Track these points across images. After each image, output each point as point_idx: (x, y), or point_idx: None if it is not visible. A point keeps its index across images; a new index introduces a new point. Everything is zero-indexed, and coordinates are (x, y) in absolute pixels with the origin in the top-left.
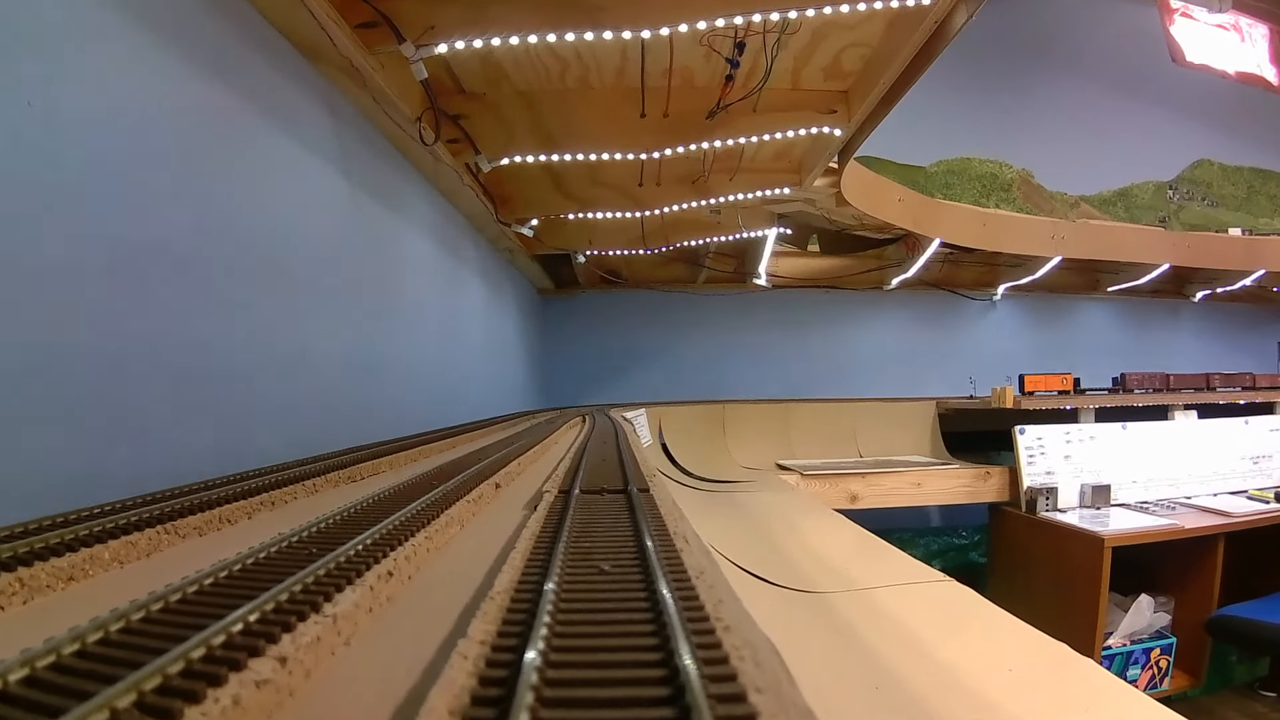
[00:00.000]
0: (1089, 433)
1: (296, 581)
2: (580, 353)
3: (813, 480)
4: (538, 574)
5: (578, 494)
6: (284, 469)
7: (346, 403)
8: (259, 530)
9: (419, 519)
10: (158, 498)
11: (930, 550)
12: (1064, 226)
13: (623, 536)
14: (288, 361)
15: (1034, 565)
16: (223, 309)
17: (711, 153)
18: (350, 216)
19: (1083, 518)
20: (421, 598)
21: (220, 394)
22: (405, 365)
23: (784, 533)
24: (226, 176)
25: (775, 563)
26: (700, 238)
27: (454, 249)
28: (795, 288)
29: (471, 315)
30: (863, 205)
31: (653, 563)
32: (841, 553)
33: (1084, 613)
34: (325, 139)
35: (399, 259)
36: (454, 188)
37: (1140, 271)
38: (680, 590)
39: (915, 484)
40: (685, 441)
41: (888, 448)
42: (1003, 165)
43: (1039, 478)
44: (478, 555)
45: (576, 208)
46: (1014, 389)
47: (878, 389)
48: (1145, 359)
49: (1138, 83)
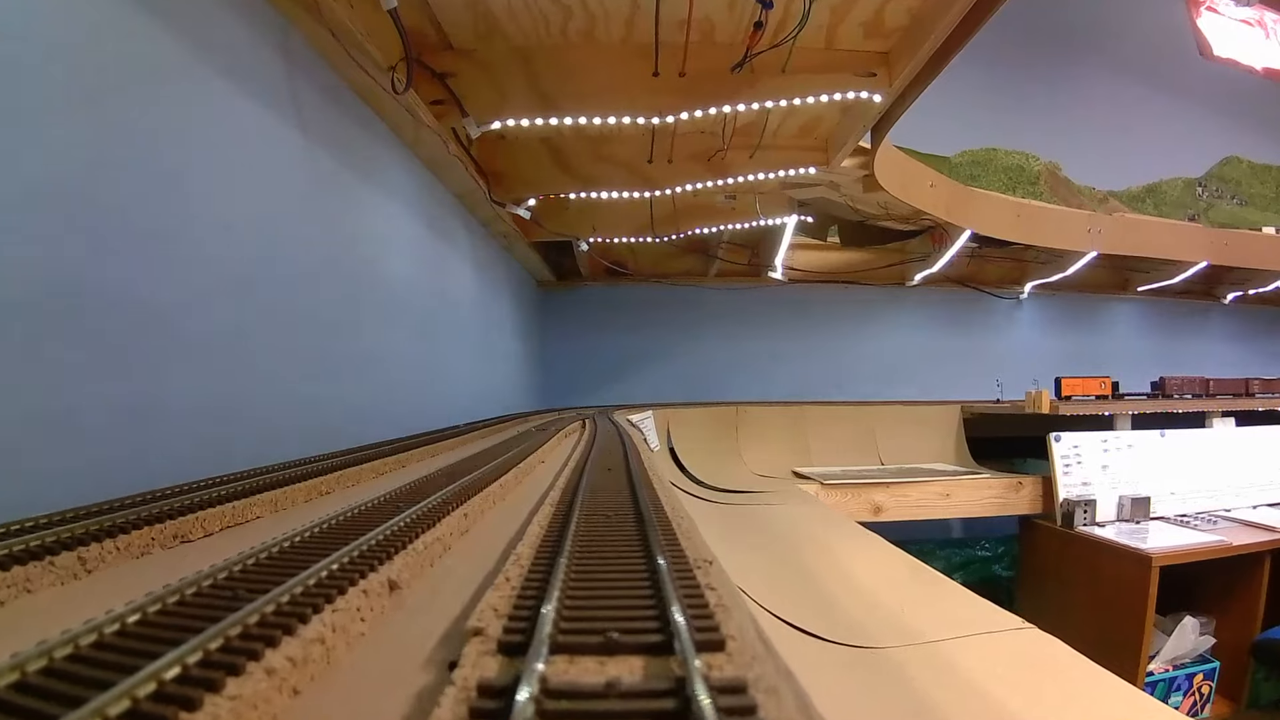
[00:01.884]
0: (1126, 440)
1: None
2: (582, 350)
3: (833, 491)
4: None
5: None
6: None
7: (295, 404)
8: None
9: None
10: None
11: (952, 563)
12: (1100, 220)
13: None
14: (211, 346)
15: (1070, 584)
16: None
17: (732, 123)
18: (302, 173)
19: (1120, 532)
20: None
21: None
22: (375, 360)
23: (819, 560)
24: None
25: (818, 605)
26: (713, 225)
27: (440, 230)
28: (812, 282)
29: (460, 306)
30: (895, 189)
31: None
32: (893, 588)
33: (1127, 636)
34: (273, 82)
35: (369, 234)
36: (439, 158)
37: (1174, 270)
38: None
39: (943, 495)
40: (695, 446)
41: (910, 454)
42: (1029, 157)
43: (1075, 489)
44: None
45: (579, 186)
46: (1050, 393)
47: (898, 391)
48: (1175, 362)
49: (1166, 76)
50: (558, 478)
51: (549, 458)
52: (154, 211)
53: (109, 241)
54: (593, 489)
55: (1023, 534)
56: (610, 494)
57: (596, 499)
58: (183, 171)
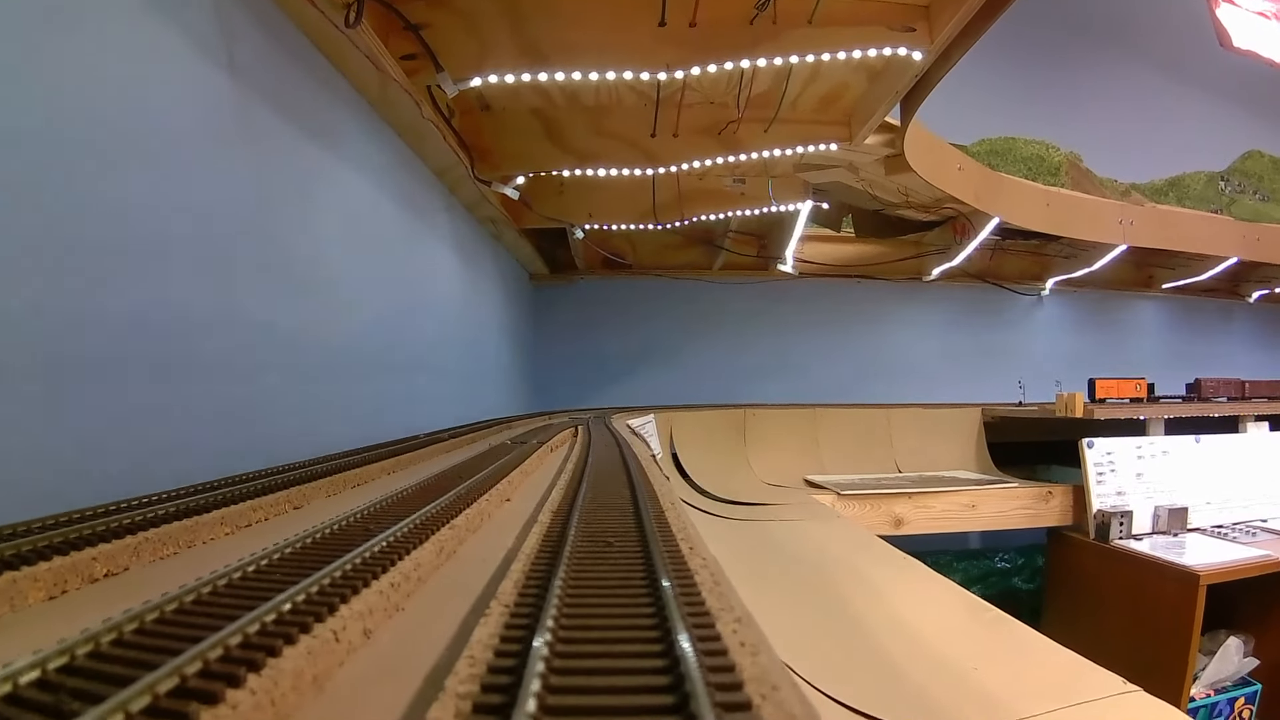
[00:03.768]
0: (1161, 446)
1: None
2: (578, 349)
3: (850, 502)
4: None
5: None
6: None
7: (206, 411)
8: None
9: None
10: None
11: (970, 576)
12: (1132, 211)
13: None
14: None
15: (1106, 602)
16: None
17: (748, 88)
18: (228, 119)
19: (1156, 545)
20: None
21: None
22: (326, 354)
23: (857, 596)
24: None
25: (870, 666)
26: (721, 211)
27: (416, 209)
28: (823, 276)
29: (438, 296)
30: (924, 171)
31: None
32: (954, 636)
33: (1169, 659)
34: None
35: (319, 203)
36: (412, 124)
37: (1201, 266)
38: None
39: (969, 506)
40: (700, 453)
41: (928, 461)
42: (1050, 147)
43: (1109, 499)
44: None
45: (574, 163)
46: (1084, 395)
47: (914, 393)
48: (1199, 364)
49: (1188, 67)
50: (521, 541)
51: (520, 491)
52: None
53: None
54: (581, 584)
55: (1051, 547)
56: (616, 604)
57: (586, 581)
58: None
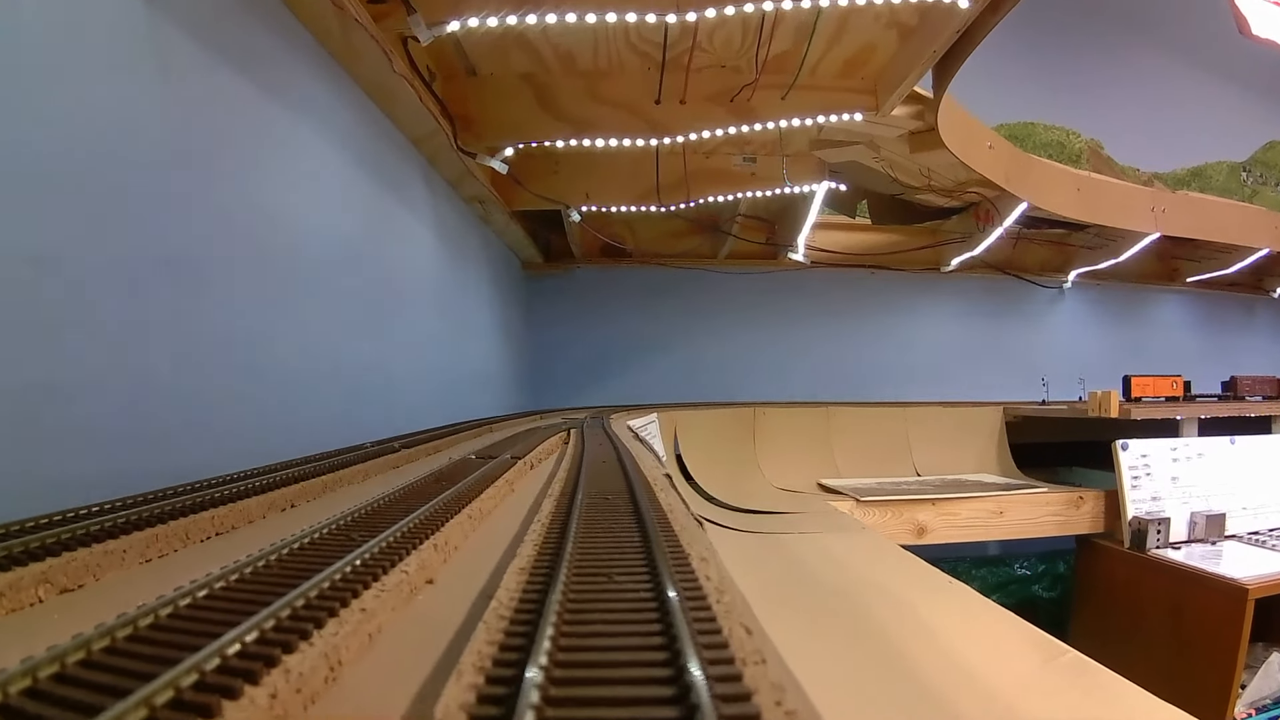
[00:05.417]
0: (1196, 448)
1: None
2: (574, 342)
3: (870, 509)
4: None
5: None
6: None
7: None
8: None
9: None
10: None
11: (988, 584)
12: (1164, 198)
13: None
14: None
15: (1141, 615)
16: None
17: (765, 46)
18: (148, 63)
19: (1192, 555)
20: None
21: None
22: (263, 347)
23: (905, 634)
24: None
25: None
26: (730, 193)
27: (388, 180)
28: (835, 266)
29: (414, 280)
30: (955, 146)
31: None
32: (1033, 689)
33: (1213, 677)
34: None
35: (266, 163)
36: (383, 82)
37: (1229, 259)
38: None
39: (996, 512)
40: (706, 454)
41: (948, 463)
42: (1070, 133)
43: (1145, 504)
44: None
45: (569, 131)
46: (1119, 393)
47: (930, 390)
48: (1224, 361)
49: (1208, 54)
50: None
51: (452, 568)
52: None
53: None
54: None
55: (1080, 556)
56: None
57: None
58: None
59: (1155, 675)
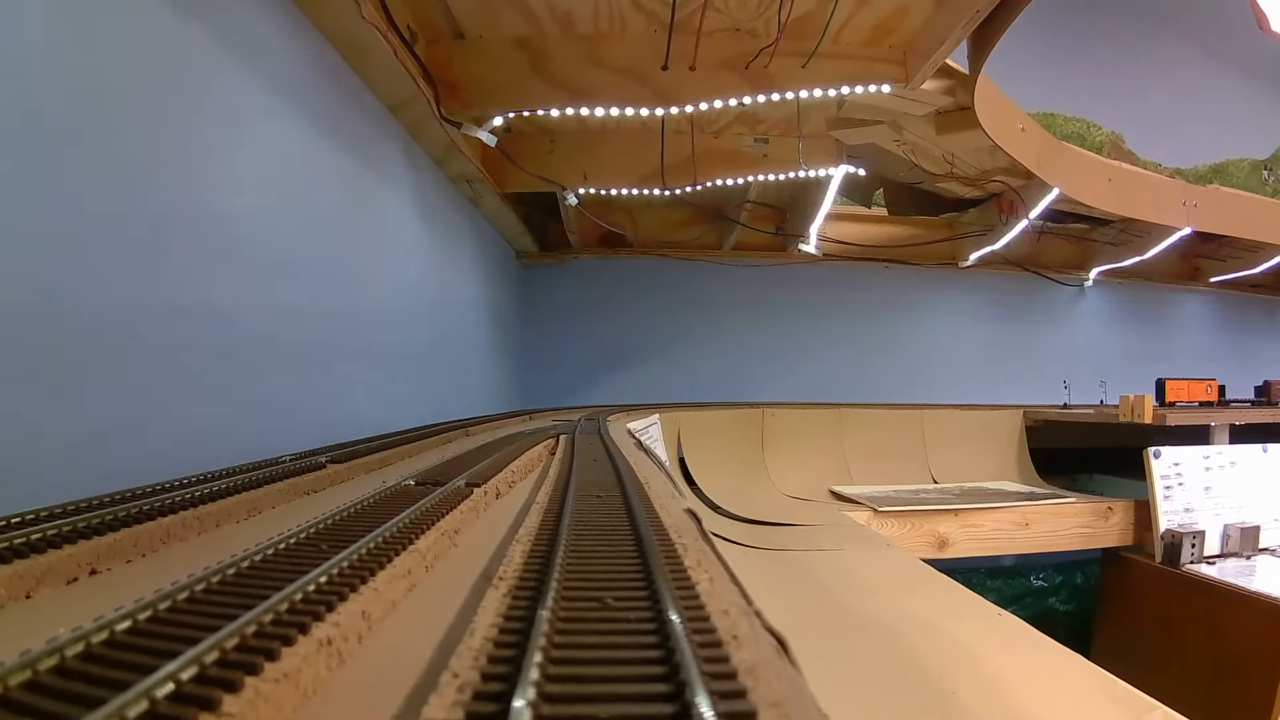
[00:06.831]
0: (1229, 457)
1: None
2: (571, 337)
3: (888, 520)
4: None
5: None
6: None
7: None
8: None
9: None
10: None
11: (1004, 596)
12: (1196, 192)
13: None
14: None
15: (1174, 634)
16: None
17: (786, 6)
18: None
19: (1226, 570)
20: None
21: None
22: (198, 333)
23: (961, 680)
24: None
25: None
26: (740, 176)
27: (360, 152)
28: (846, 259)
29: (392, 265)
30: (989, 126)
31: None
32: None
33: (1253, 702)
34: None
35: (205, 111)
36: (348, 30)
37: (1255, 258)
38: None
39: (1021, 524)
40: (712, 460)
41: (966, 469)
42: (1091, 126)
43: (1177, 516)
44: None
45: (565, 99)
46: (1152, 397)
47: (946, 391)
48: (1247, 365)
49: (1231, 49)
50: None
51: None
52: None
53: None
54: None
55: (1105, 570)
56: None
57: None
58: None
59: (1192, 698)
